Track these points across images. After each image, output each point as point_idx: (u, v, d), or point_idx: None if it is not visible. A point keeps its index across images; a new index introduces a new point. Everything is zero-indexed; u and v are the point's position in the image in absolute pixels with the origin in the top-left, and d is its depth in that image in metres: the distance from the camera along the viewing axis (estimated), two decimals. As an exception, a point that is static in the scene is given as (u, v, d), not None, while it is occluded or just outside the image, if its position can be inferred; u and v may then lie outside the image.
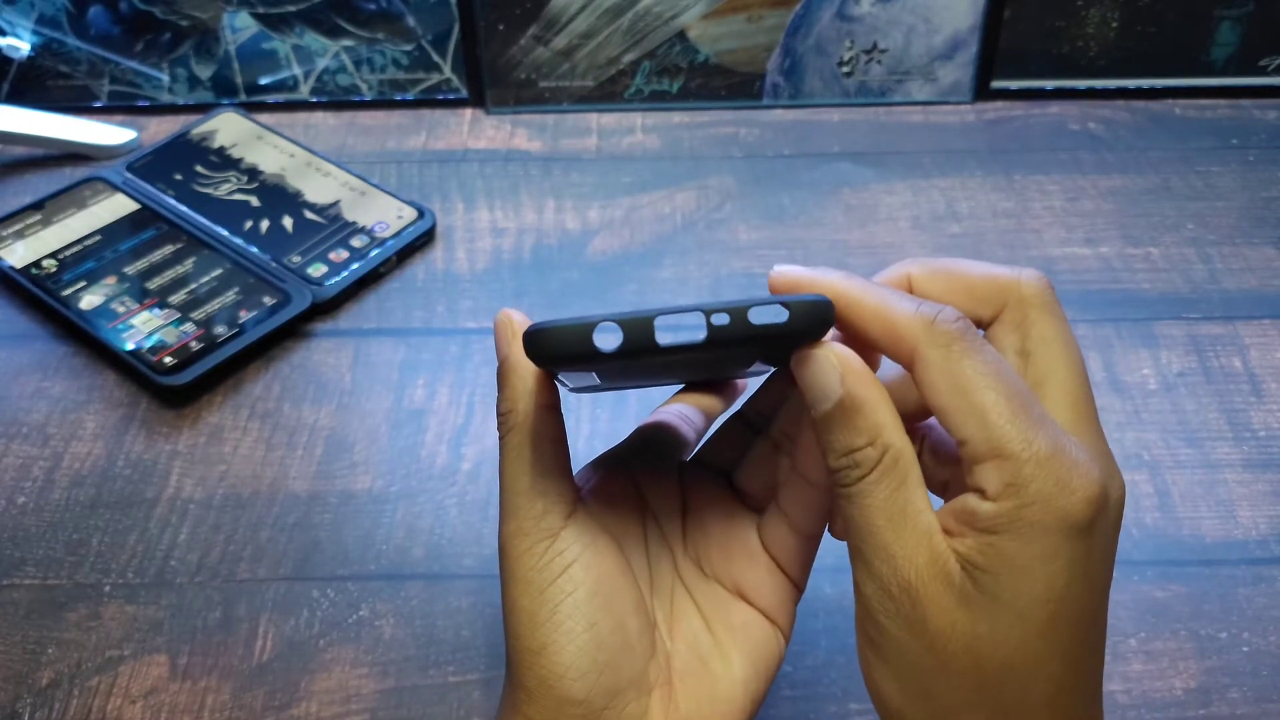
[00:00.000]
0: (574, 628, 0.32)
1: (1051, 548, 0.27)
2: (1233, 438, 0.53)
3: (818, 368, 0.29)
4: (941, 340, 0.28)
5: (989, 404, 0.27)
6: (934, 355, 0.28)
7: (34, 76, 0.71)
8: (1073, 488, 0.27)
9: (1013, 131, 0.71)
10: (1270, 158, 0.68)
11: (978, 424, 0.27)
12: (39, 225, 0.63)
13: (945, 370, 0.28)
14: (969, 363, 0.28)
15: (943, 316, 0.29)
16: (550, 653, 0.32)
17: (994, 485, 0.27)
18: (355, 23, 0.70)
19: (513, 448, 0.33)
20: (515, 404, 0.33)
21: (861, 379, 0.29)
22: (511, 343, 0.33)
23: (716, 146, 0.70)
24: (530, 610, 0.33)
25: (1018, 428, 0.27)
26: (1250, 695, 0.44)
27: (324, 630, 0.47)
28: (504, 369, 0.33)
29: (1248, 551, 0.49)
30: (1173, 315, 0.59)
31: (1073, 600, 0.27)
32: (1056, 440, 0.27)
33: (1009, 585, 0.27)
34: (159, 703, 0.44)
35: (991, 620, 0.27)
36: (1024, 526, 0.27)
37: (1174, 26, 0.70)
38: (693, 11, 0.69)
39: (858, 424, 0.28)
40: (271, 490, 0.52)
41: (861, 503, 0.29)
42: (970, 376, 0.28)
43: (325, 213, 0.64)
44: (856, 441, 0.29)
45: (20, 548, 0.50)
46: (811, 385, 0.29)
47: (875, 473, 0.28)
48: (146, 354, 0.56)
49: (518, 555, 0.33)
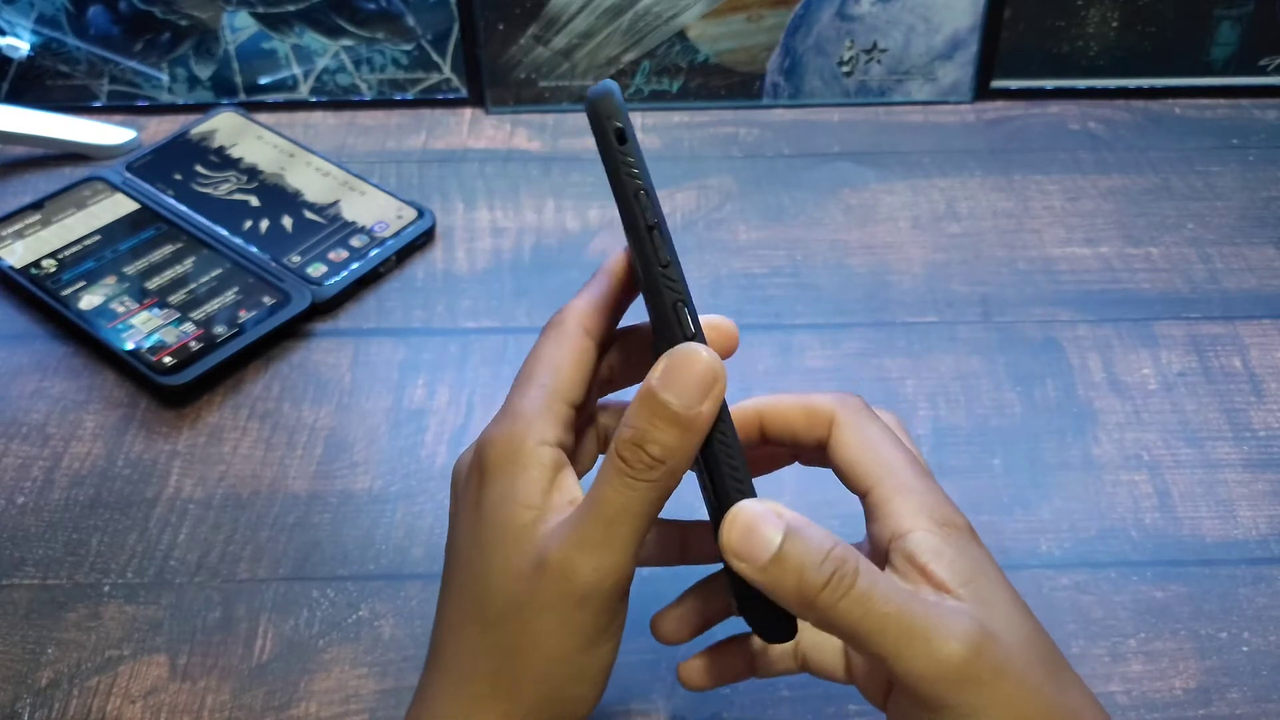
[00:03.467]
0: (605, 683, 0.33)
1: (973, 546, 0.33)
2: (1233, 438, 0.53)
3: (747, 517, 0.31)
4: (852, 410, 0.35)
5: (891, 456, 0.34)
6: (847, 420, 0.35)
7: (33, 76, 0.71)
8: (953, 508, 0.34)
9: (1013, 131, 0.71)
10: (1270, 157, 0.68)
11: (884, 471, 0.34)
12: (38, 225, 0.63)
13: (856, 431, 0.35)
14: (873, 427, 0.35)
15: (846, 394, 0.36)
16: (583, 707, 0.33)
17: (908, 516, 0.33)
18: (355, 22, 0.70)
19: (652, 497, 0.31)
20: (680, 459, 0.31)
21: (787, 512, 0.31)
22: (706, 399, 0.30)
23: (716, 146, 0.70)
24: (585, 666, 0.33)
25: (915, 473, 0.34)
26: (1250, 695, 0.44)
27: (324, 630, 0.47)
28: (689, 419, 0.30)
29: (1248, 551, 0.49)
30: (1173, 315, 0.59)
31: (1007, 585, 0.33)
32: (934, 482, 0.34)
33: (984, 585, 0.32)
34: (159, 703, 0.44)
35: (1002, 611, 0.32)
36: (951, 537, 0.32)
37: (1174, 26, 0.70)
38: (693, 11, 0.69)
39: (818, 535, 0.30)
40: (271, 490, 0.52)
41: (875, 594, 0.30)
42: (875, 436, 0.35)
43: (325, 212, 0.64)
44: (826, 543, 0.30)
45: (20, 548, 0.50)
46: (752, 534, 0.31)
47: (863, 566, 0.30)
48: (146, 354, 0.56)
49: (594, 609, 0.32)
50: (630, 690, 0.44)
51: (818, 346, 0.57)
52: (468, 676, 0.33)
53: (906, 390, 0.55)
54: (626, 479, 0.30)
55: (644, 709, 0.44)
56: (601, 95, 0.31)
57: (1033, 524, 0.50)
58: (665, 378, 0.30)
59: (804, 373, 0.56)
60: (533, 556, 0.32)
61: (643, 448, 0.30)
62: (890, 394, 0.55)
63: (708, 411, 0.30)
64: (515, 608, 0.32)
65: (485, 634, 0.33)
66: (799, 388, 0.56)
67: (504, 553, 0.32)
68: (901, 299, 0.60)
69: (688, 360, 0.30)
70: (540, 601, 0.31)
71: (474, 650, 0.33)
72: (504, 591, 0.32)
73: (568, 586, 0.31)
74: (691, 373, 0.30)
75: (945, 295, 0.60)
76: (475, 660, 0.33)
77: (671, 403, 0.30)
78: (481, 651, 0.33)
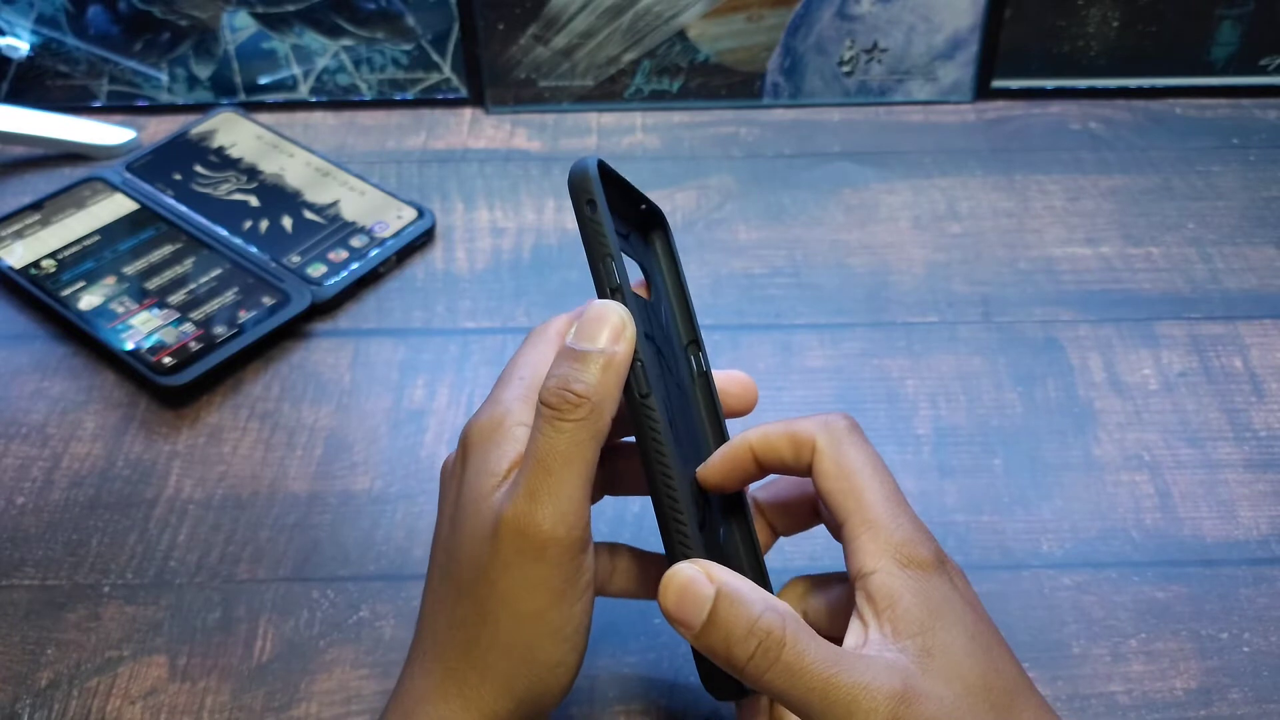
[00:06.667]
0: (581, 645, 0.33)
1: (937, 585, 0.33)
2: (1233, 438, 0.53)
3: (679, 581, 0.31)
4: (833, 435, 0.35)
5: (864, 488, 0.34)
6: (826, 444, 0.35)
7: (33, 76, 0.71)
8: (921, 542, 0.33)
9: (1013, 131, 0.70)
10: (1271, 157, 0.68)
11: (855, 504, 0.34)
12: (38, 225, 0.63)
13: (833, 460, 0.34)
14: (852, 453, 0.34)
15: (833, 417, 0.36)
16: (561, 672, 0.33)
17: (872, 555, 0.33)
18: (355, 22, 0.70)
19: (582, 438, 0.32)
20: (603, 400, 0.33)
21: (721, 569, 0.32)
22: (619, 341, 0.33)
23: (716, 146, 0.70)
24: (557, 626, 0.32)
25: (887, 506, 0.34)
26: (1251, 696, 0.44)
27: (324, 631, 0.46)
28: (604, 359, 0.33)
29: (1248, 551, 0.49)
30: (1173, 315, 0.59)
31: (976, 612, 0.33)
32: (906, 514, 0.34)
33: (937, 633, 0.32)
34: (158, 703, 0.44)
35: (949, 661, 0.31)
36: (913, 579, 0.32)
37: (1174, 26, 0.70)
38: (693, 11, 0.69)
39: (745, 603, 0.31)
40: (271, 490, 0.52)
41: (801, 665, 0.30)
42: (852, 464, 0.34)
43: (324, 212, 0.64)
44: (753, 611, 0.31)
45: (20, 548, 0.50)
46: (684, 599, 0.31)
47: (789, 635, 0.30)
48: (146, 354, 0.56)
49: (555, 561, 0.32)
50: (630, 690, 0.44)
51: (818, 346, 0.57)
52: (443, 650, 0.34)
53: (907, 390, 0.55)
54: (556, 424, 0.32)
55: (644, 708, 0.44)
56: (579, 175, 0.35)
57: (1033, 524, 0.50)
58: (580, 330, 0.33)
59: (804, 373, 0.56)
60: (491, 519, 0.33)
61: (567, 389, 0.32)
62: (890, 394, 0.55)
63: (623, 351, 0.33)
64: (481, 571, 0.33)
65: (457, 605, 0.34)
66: (799, 388, 0.56)
67: (471, 522, 0.34)
68: (902, 299, 0.60)
69: (599, 311, 0.33)
70: (502, 561, 0.32)
71: (449, 623, 0.34)
72: (470, 558, 0.33)
73: (523, 541, 0.32)
74: (604, 320, 0.33)
75: (946, 295, 0.60)
76: (451, 632, 0.34)
77: (588, 348, 0.33)
78: (455, 623, 0.34)
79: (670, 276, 0.40)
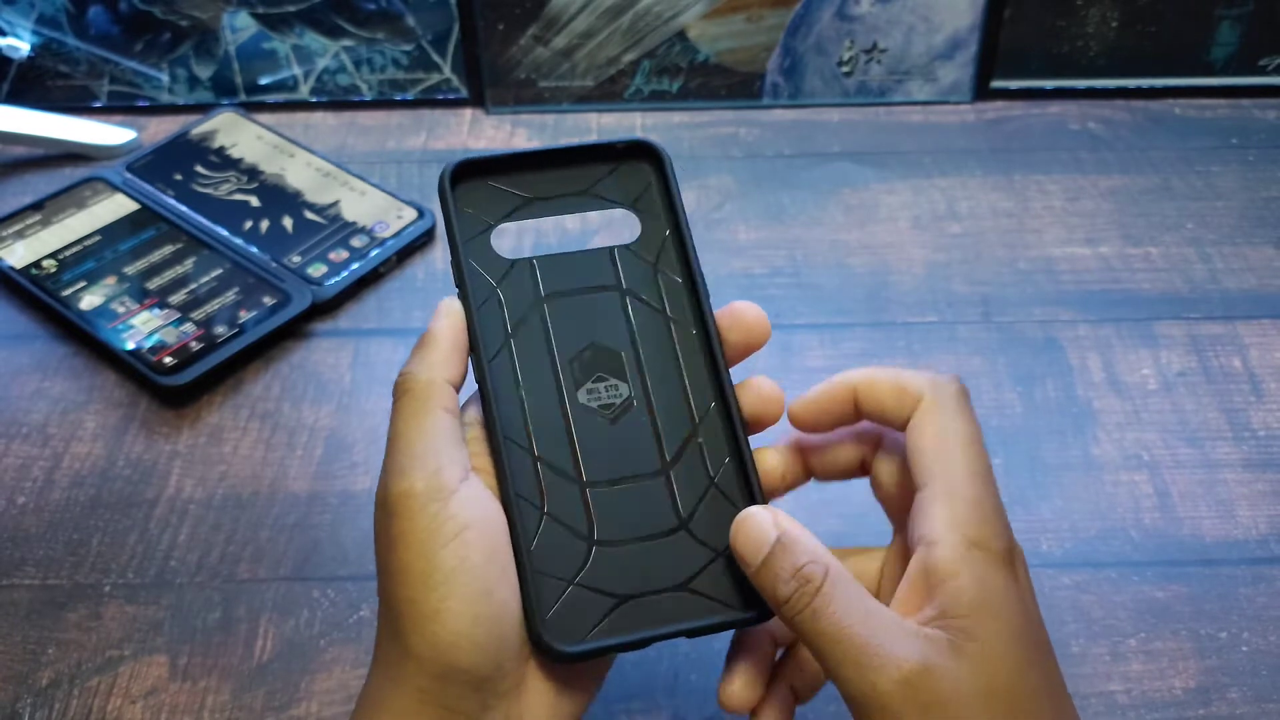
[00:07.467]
0: (469, 594, 0.32)
1: (997, 574, 0.32)
2: (1232, 437, 0.53)
3: (751, 523, 0.33)
4: (942, 394, 0.35)
5: (955, 457, 0.34)
6: (932, 403, 0.35)
7: (34, 76, 0.71)
8: (996, 529, 0.33)
9: (1013, 131, 0.71)
10: (1270, 157, 0.68)
11: (940, 471, 0.34)
12: (39, 225, 0.63)
13: (934, 421, 0.34)
14: (955, 421, 0.34)
15: (945, 377, 0.36)
16: (444, 619, 0.32)
17: (941, 526, 0.32)
18: (355, 23, 0.70)
19: (407, 408, 0.35)
20: (419, 373, 0.35)
21: (787, 518, 0.33)
22: (441, 319, 0.36)
23: (716, 146, 0.70)
24: (424, 573, 0.32)
25: (973, 482, 0.33)
26: (1250, 695, 0.44)
27: (324, 630, 0.47)
28: (424, 338, 0.36)
29: (1248, 551, 0.49)
30: (1173, 315, 0.59)
31: (1029, 616, 0.33)
32: (992, 498, 0.34)
33: (983, 619, 0.31)
34: (159, 703, 0.44)
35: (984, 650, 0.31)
36: (975, 561, 0.32)
37: (1174, 26, 0.70)
38: (692, 11, 0.69)
39: (797, 551, 0.32)
40: (271, 490, 0.52)
41: (827, 612, 0.31)
42: (950, 431, 0.34)
43: (325, 213, 0.64)
44: (800, 559, 0.32)
45: (20, 548, 0.50)
46: (750, 538, 0.33)
47: (828, 584, 0.32)
48: (146, 354, 0.56)
49: (409, 515, 0.33)
50: (630, 690, 0.44)
51: (818, 346, 0.57)
52: (379, 639, 0.35)
53: (906, 390, 0.55)
54: (394, 406, 0.35)
55: (644, 708, 0.44)
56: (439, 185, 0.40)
57: (1033, 524, 0.50)
58: None
59: (804, 373, 0.56)
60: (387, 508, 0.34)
61: (402, 376, 0.36)
62: (890, 394, 0.55)
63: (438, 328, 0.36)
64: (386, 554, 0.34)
65: (382, 599, 0.34)
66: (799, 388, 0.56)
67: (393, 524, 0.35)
68: (902, 299, 0.60)
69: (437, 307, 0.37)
70: (377, 534, 0.34)
71: (381, 615, 0.35)
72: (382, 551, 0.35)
73: (381, 510, 0.34)
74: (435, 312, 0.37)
75: (945, 295, 0.60)
76: (381, 624, 0.35)
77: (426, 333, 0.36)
78: (382, 613, 0.34)
79: (665, 211, 0.42)
